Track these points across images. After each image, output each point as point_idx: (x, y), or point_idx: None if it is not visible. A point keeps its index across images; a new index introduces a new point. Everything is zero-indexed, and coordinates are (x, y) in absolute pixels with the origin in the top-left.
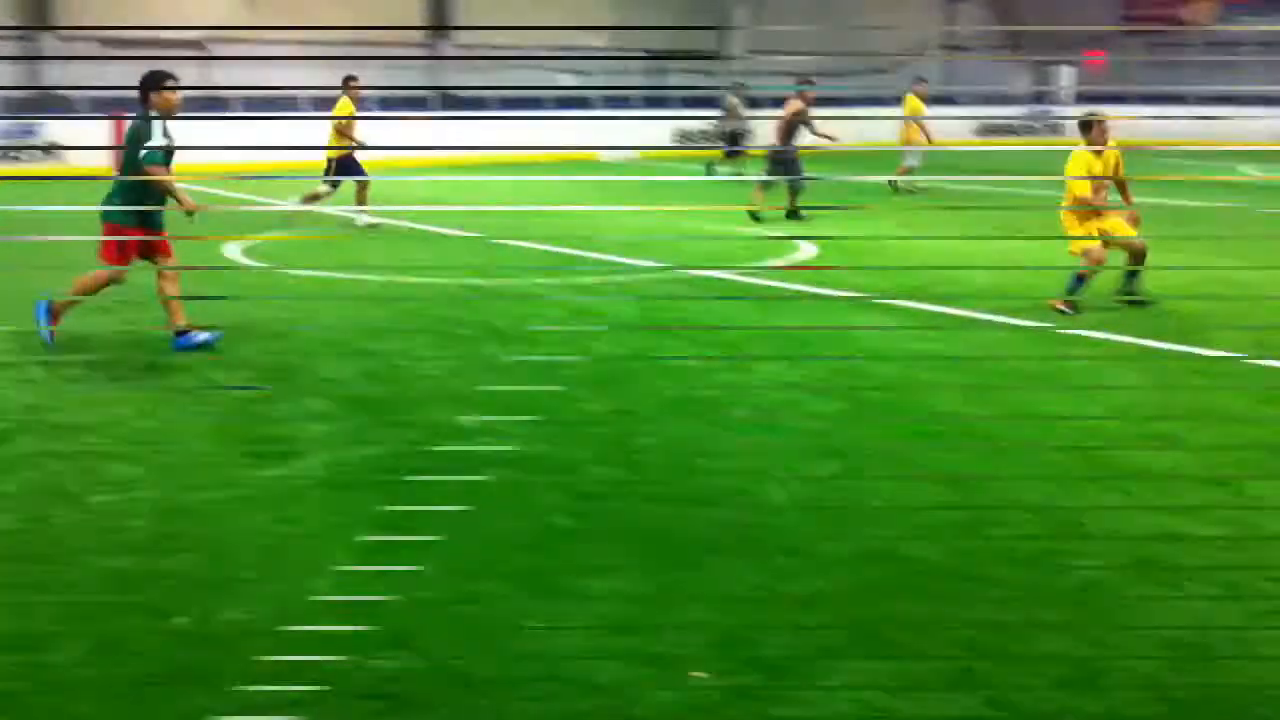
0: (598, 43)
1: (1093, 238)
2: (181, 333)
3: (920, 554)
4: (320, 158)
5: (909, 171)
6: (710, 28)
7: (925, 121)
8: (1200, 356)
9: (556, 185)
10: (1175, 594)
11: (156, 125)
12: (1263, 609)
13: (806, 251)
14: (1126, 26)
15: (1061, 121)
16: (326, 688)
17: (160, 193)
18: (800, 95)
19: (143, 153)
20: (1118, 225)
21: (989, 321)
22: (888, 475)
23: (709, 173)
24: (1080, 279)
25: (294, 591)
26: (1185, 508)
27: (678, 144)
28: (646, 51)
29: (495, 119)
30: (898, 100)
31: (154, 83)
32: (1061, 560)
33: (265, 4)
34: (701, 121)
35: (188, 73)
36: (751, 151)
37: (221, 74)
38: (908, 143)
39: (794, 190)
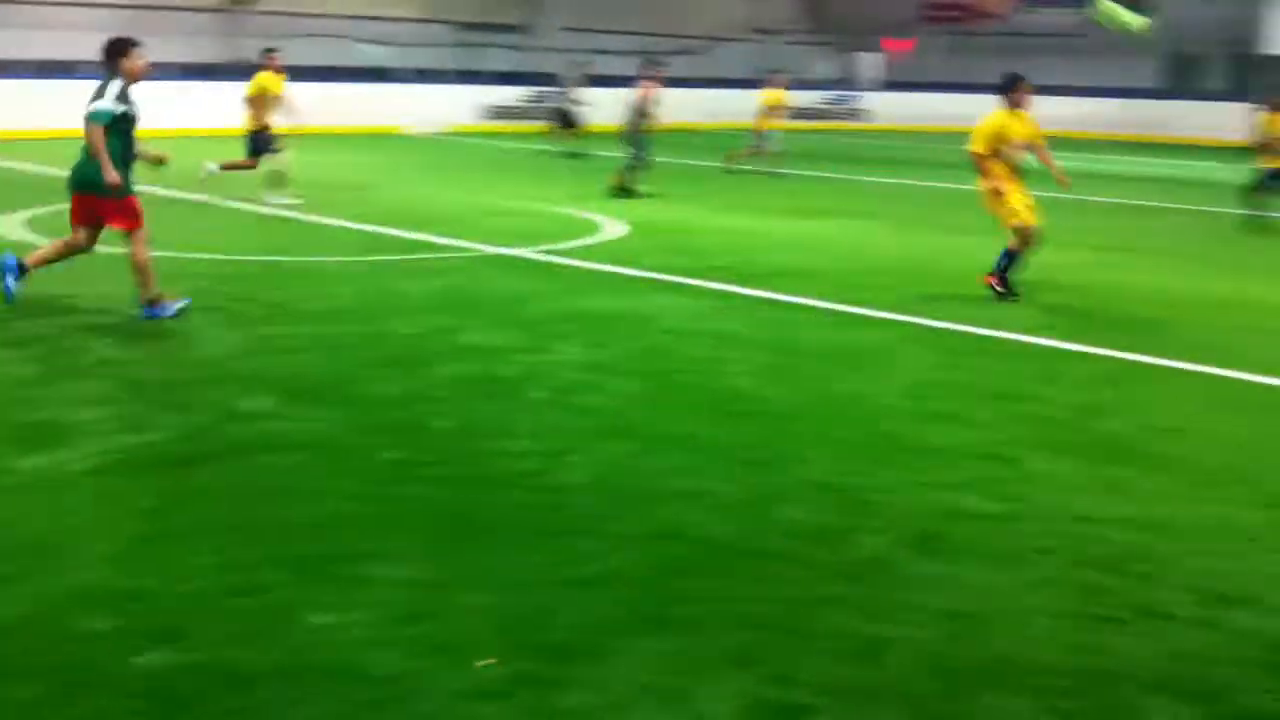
0: (408, 13)
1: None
2: (153, 302)
3: (710, 532)
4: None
5: (755, 152)
6: None
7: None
8: (986, 337)
9: (362, 159)
10: (954, 568)
11: (112, 89)
12: (1036, 578)
13: (616, 231)
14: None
15: (861, 109)
16: (86, 686)
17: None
18: (655, 76)
19: (89, 110)
20: (1023, 205)
21: (788, 302)
22: (682, 454)
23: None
24: (1010, 255)
25: (58, 585)
26: (965, 483)
27: (492, 118)
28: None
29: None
30: (709, 83)
31: (122, 49)
32: (847, 536)
33: None
34: (513, 96)
35: None
36: (584, 129)
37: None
38: (759, 130)
39: (633, 169)
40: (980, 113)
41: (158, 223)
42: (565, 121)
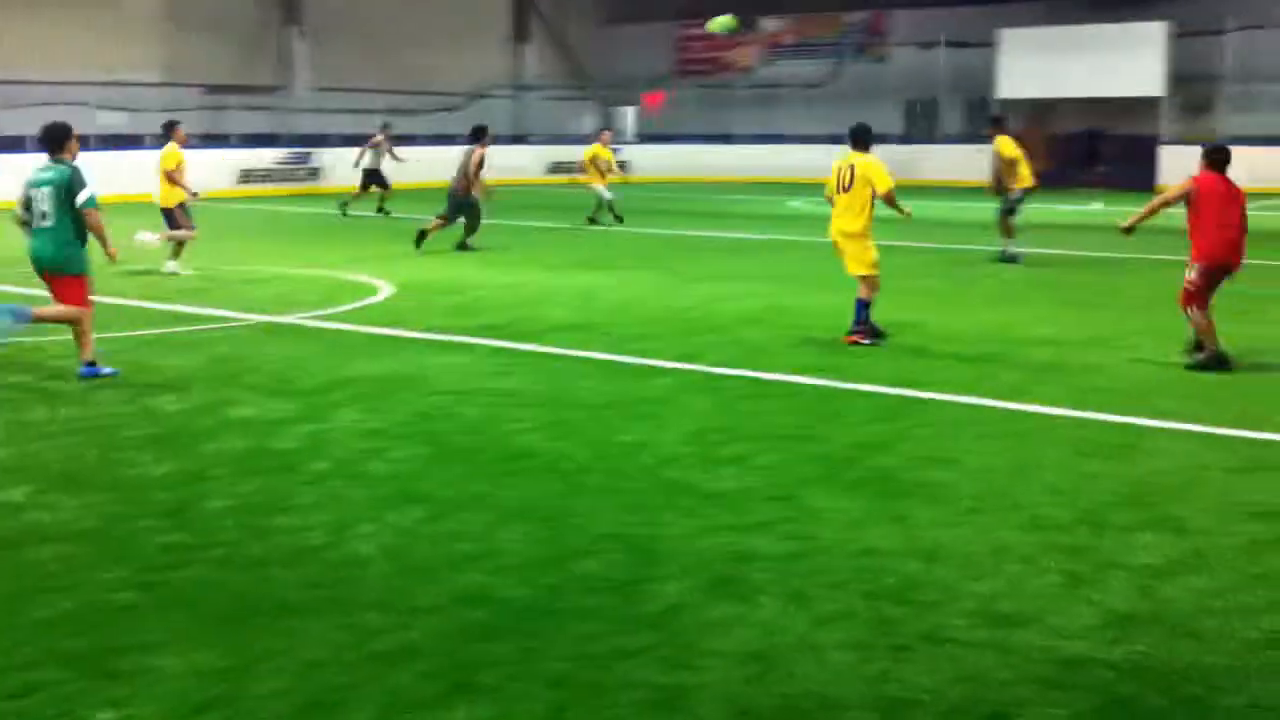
0: (150, 76)
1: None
2: (90, 363)
3: (508, 594)
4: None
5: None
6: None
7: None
8: (762, 380)
9: (115, 228)
10: (750, 609)
11: (85, 172)
12: (828, 613)
13: (388, 292)
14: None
15: (623, 161)
16: None
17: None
18: (482, 142)
19: (85, 198)
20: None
21: (567, 356)
22: (473, 517)
23: (343, 213)
24: (865, 305)
25: None
26: (754, 525)
27: (241, 182)
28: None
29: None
30: (467, 139)
31: (68, 133)
32: (642, 587)
33: None
34: (268, 158)
35: None
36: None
37: None
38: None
39: (472, 229)
40: (734, 164)
41: None
42: (377, 181)
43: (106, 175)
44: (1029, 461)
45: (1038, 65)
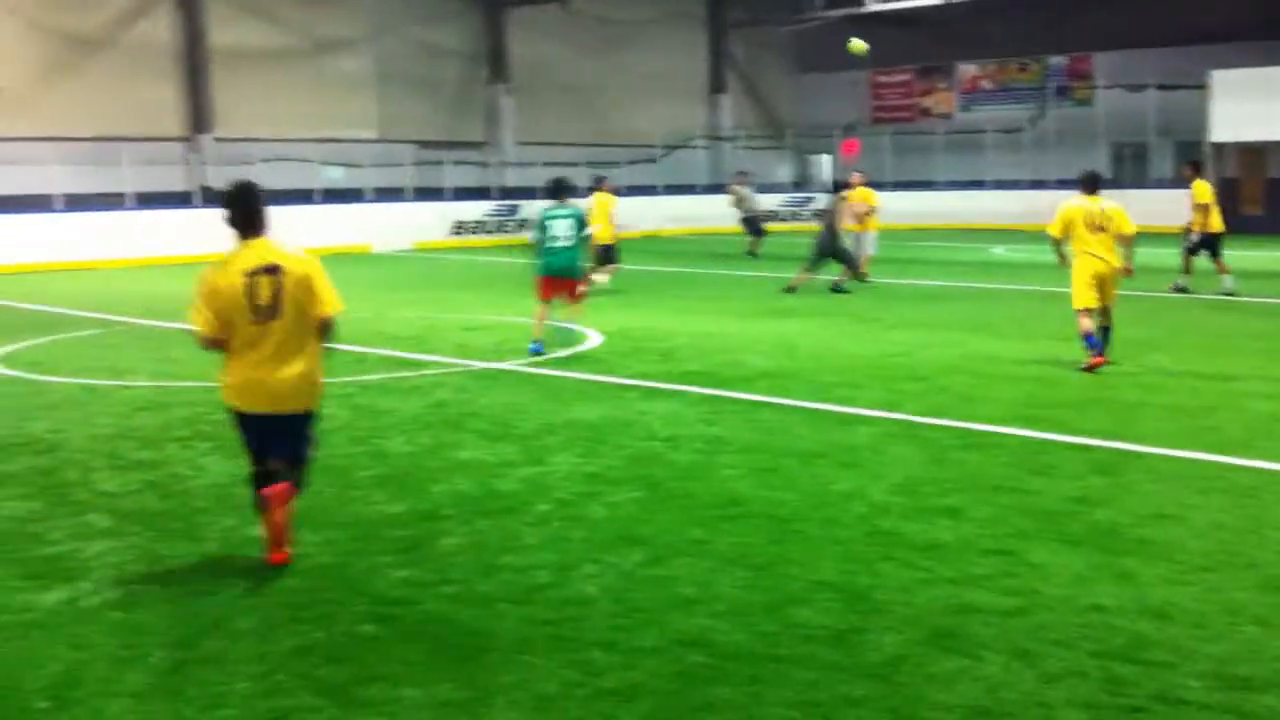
0: (366, 134)
1: None
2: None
3: (727, 639)
4: None
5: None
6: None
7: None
8: (969, 430)
9: (337, 278)
10: (973, 663)
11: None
12: (1056, 670)
13: (593, 340)
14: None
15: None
16: None
17: None
18: (842, 194)
19: (590, 229)
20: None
21: (771, 403)
22: (691, 562)
23: (753, 255)
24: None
25: (92, 719)
26: (973, 578)
27: (457, 233)
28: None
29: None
30: (669, 189)
31: (569, 187)
32: (862, 637)
33: (9, 100)
34: (478, 211)
35: None
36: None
37: None
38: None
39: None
40: (932, 210)
41: (131, 352)
42: (755, 229)
43: (329, 226)
44: (1260, 519)
45: (1254, 108)
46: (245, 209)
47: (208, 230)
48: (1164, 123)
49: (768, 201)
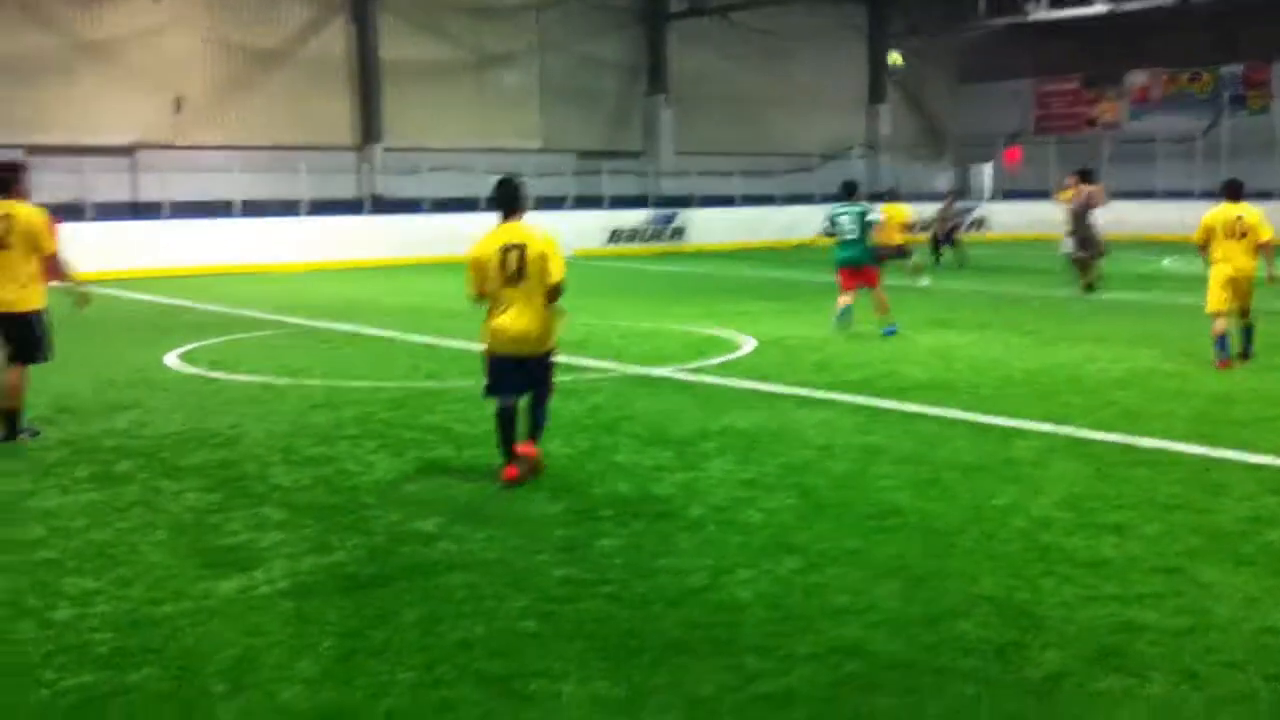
0: (530, 144)
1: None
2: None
3: (884, 649)
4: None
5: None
6: None
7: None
8: (1135, 446)
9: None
10: (1140, 683)
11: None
12: (1227, 693)
13: (748, 347)
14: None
15: (983, 217)
16: None
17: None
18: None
19: (872, 218)
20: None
21: (928, 415)
22: (847, 571)
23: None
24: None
25: (266, 703)
26: (1139, 596)
27: (615, 241)
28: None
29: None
30: (821, 198)
31: (857, 189)
32: (1024, 652)
33: (193, 111)
34: (635, 219)
35: (119, 179)
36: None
37: (152, 180)
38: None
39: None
40: (1101, 220)
41: (304, 352)
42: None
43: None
44: None
45: None
46: (504, 197)
47: (378, 235)
48: None
49: (928, 211)
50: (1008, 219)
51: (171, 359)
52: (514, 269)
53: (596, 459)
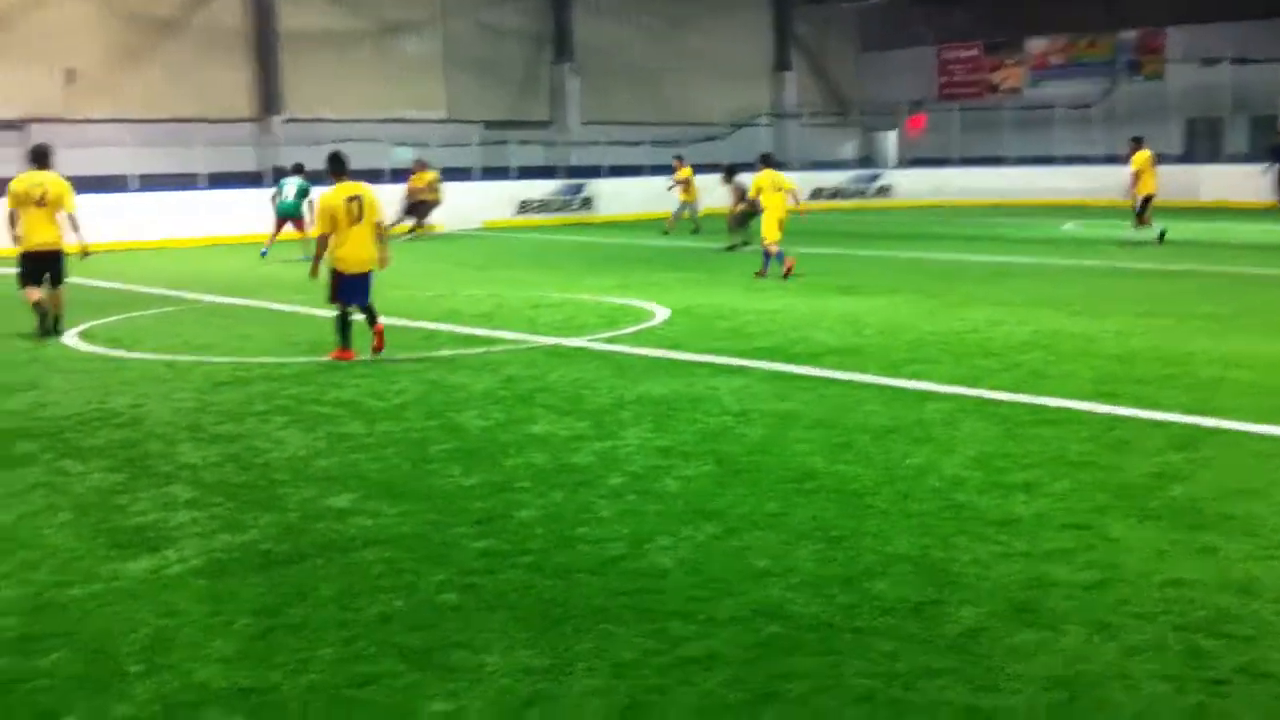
0: (434, 114)
1: None
2: None
3: (806, 609)
4: None
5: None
6: None
7: None
8: (1043, 406)
9: (402, 258)
10: (1053, 636)
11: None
12: (1137, 643)
13: (661, 316)
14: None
15: (888, 185)
16: None
17: None
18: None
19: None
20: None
21: (841, 380)
22: (766, 535)
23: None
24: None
25: (180, 683)
26: (1050, 553)
27: (523, 212)
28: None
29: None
30: (727, 169)
31: None
32: (940, 609)
33: (86, 84)
34: (543, 190)
35: (8, 153)
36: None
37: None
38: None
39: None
40: (1002, 187)
41: (206, 328)
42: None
43: (392, 203)
44: None
45: None
46: (339, 164)
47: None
48: (1239, 97)
49: (833, 179)
50: (911, 186)
51: (70, 338)
52: (356, 214)
53: (512, 430)
